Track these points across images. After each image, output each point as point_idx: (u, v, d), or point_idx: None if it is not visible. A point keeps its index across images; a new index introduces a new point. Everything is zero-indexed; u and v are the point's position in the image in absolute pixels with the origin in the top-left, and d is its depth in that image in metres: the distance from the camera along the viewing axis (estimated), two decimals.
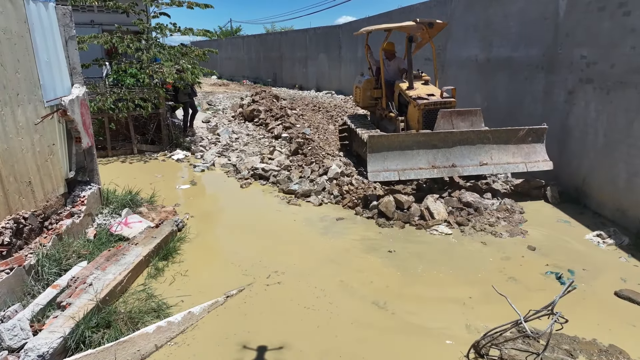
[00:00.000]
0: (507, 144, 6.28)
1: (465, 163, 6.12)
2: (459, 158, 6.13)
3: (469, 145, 6.17)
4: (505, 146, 6.27)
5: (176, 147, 9.63)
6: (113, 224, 5.28)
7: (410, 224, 5.52)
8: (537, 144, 6.34)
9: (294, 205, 6.24)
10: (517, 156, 6.26)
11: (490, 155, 6.21)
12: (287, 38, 25.23)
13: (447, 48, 10.31)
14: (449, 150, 6.12)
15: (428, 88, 7.24)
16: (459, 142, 6.15)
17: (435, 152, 6.08)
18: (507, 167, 6.25)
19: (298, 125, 10.42)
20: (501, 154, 6.23)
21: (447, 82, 10.33)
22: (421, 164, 6.02)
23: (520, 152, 6.28)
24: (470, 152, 6.17)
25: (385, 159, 5.95)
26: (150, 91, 8.92)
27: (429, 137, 6.10)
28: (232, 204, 6.45)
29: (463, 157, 6.14)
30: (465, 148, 6.17)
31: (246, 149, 9.36)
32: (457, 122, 6.38)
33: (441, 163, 6.06)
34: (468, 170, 6.13)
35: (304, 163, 7.83)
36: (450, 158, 6.11)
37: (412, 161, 6.01)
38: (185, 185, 7.26)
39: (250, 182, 7.28)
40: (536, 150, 6.32)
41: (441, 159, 6.08)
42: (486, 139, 6.23)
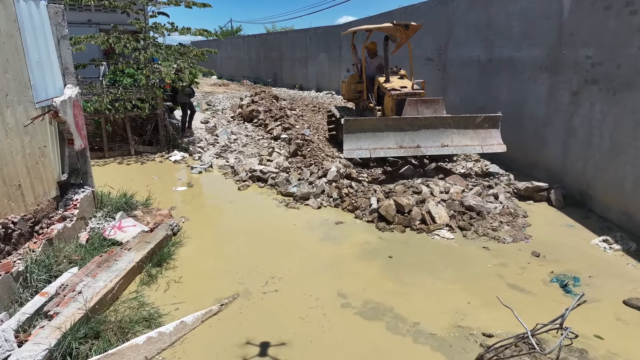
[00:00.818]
0: (466, 128, 7.12)
1: (429, 144, 6.96)
2: (423, 140, 6.96)
3: (432, 129, 7.00)
4: (465, 131, 7.11)
5: (174, 148, 9.51)
6: (107, 227, 5.16)
7: (411, 228, 5.39)
8: (492, 129, 7.21)
9: (293, 208, 6.11)
10: (474, 139, 7.11)
11: (450, 138, 7.05)
12: (288, 38, 25.11)
13: (448, 48, 10.18)
14: (414, 133, 6.96)
15: (402, 81, 8.04)
16: (423, 126, 6.98)
17: (402, 134, 6.93)
18: (465, 148, 7.16)
19: (297, 126, 10.30)
20: (460, 138, 7.07)
21: (449, 82, 10.22)
22: (390, 145, 6.86)
23: (478, 136, 7.13)
24: (433, 135, 7.00)
25: (359, 139, 6.79)
26: (147, 91, 8.79)
27: (397, 122, 6.98)
28: (229, 207, 6.32)
29: (427, 139, 6.97)
30: (429, 131, 6.99)
31: (245, 150, 9.23)
32: (422, 109, 7.25)
33: (407, 144, 6.90)
34: (430, 150, 6.99)
35: (303, 165, 7.70)
36: (415, 140, 6.95)
37: (382, 142, 6.85)
38: (182, 187, 7.14)
39: (248, 184, 7.15)
40: (492, 135, 7.17)
41: (407, 140, 6.92)
42: (447, 124, 7.07)
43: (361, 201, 5.99)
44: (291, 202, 6.29)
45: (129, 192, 6.02)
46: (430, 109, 7.30)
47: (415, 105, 7.24)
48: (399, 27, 8.02)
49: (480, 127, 7.17)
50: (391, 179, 6.92)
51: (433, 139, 7.00)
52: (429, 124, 7.00)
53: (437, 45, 10.67)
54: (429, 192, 6.16)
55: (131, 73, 9.19)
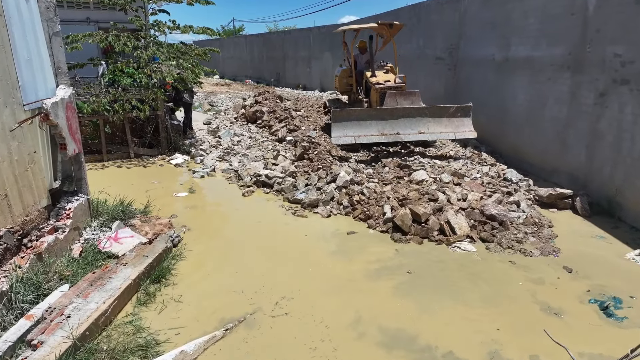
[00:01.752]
0: (440, 117, 7.96)
1: (407, 132, 7.85)
2: (402, 128, 7.84)
3: (410, 118, 7.86)
4: (439, 119, 7.95)
5: (175, 151, 9.16)
6: (102, 238, 4.81)
7: (429, 239, 5.02)
8: (464, 117, 8.03)
9: (301, 216, 5.75)
10: (448, 127, 7.96)
11: (427, 126, 7.91)
12: (291, 37, 24.75)
13: (459, 47, 9.79)
14: (394, 122, 7.83)
15: (387, 76, 8.93)
16: (402, 116, 7.84)
17: (384, 123, 7.81)
18: (440, 135, 8.03)
19: (303, 128, 9.93)
20: (436, 125, 7.94)
21: (460, 82, 9.83)
22: (373, 132, 7.77)
23: (451, 124, 7.99)
24: (411, 124, 7.88)
25: (345, 128, 7.71)
26: (147, 92, 8.44)
27: (379, 112, 7.89)
28: (233, 215, 5.95)
29: (405, 127, 7.85)
30: (407, 120, 7.85)
31: (248, 153, 8.87)
32: (401, 101, 8.11)
33: (388, 131, 7.80)
34: (409, 137, 7.90)
35: (310, 169, 7.33)
36: (395, 127, 7.83)
37: (366, 130, 7.76)
38: (183, 192, 6.78)
39: (252, 189, 6.79)
40: (464, 122, 8.02)
41: (388, 128, 7.81)
42: (424, 114, 7.94)
43: (374, 209, 5.62)
44: (299, 210, 5.92)
45: (127, 199, 5.67)
46: (408, 100, 8.16)
47: (394, 97, 8.11)
48: (384, 26, 8.97)
49: (454, 116, 8.01)
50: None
51: (411, 127, 7.88)
52: (407, 113, 7.87)
53: (447, 44, 10.28)
54: (446, 200, 5.78)
55: (131, 73, 8.84)
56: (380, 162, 7.50)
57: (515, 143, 7.89)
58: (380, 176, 7.17)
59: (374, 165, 7.50)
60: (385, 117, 7.82)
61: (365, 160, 7.91)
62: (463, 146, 9.06)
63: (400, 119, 7.84)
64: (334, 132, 7.73)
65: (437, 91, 10.87)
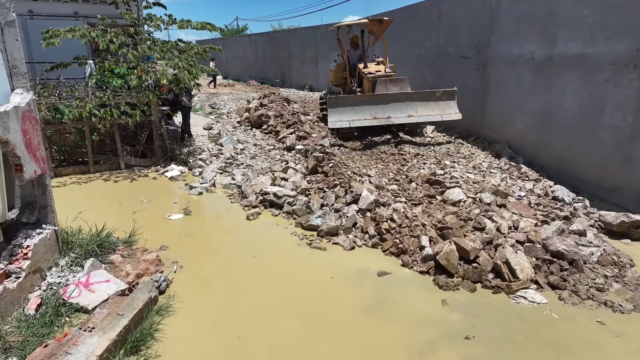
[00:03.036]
0: (427, 101, 8.56)
1: (397, 115, 8.45)
2: (392, 112, 8.44)
3: (399, 102, 8.43)
4: (427, 103, 8.55)
5: (171, 161, 8.16)
6: (70, 283, 3.80)
7: (482, 283, 3.98)
8: (450, 101, 8.67)
9: (318, 249, 4.71)
10: (435, 110, 8.57)
11: (415, 109, 8.50)
12: (297, 36, 23.72)
13: (489, 44, 8.73)
14: (385, 106, 8.43)
15: (377, 67, 9.74)
16: (392, 101, 8.43)
17: (376, 107, 8.42)
18: (427, 117, 8.62)
19: (314, 135, 8.90)
20: (423, 109, 8.55)
21: (491, 84, 8.77)
22: (366, 116, 8.38)
23: (438, 107, 8.61)
24: (401, 108, 8.45)
25: (340, 113, 8.34)
26: (139, 95, 7.43)
27: (371, 97, 8.57)
28: (236, 246, 4.92)
29: (395, 111, 8.44)
30: (397, 105, 8.42)
31: (253, 164, 7.85)
32: (391, 87, 8.78)
33: (380, 115, 8.42)
34: (399, 119, 8.51)
35: (325, 185, 6.30)
36: (386, 112, 8.44)
37: (360, 114, 8.37)
38: (177, 214, 5.76)
39: (258, 211, 5.76)
40: (449, 105, 8.65)
41: (380, 112, 8.43)
42: (412, 98, 8.54)
43: (408, 241, 4.58)
44: (315, 240, 4.89)
45: (109, 225, 4.67)
46: (398, 86, 8.82)
47: (385, 84, 8.77)
48: (375, 22, 9.70)
49: (440, 100, 8.62)
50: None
51: (401, 111, 8.46)
52: (397, 98, 8.47)
53: (475, 40, 9.22)
54: (495, 228, 4.74)
55: (122, 73, 7.85)
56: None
57: (562, 154, 6.83)
58: (407, 194, 6.14)
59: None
60: (377, 102, 8.47)
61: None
62: (496, 156, 8.01)
63: (390, 103, 8.46)
64: (330, 117, 8.36)
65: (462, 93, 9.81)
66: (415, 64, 12.28)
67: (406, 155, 7.98)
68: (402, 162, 7.69)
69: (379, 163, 7.70)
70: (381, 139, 8.99)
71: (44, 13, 8.79)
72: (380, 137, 9.05)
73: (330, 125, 8.44)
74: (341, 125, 8.36)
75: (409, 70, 12.90)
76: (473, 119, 9.43)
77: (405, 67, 13.08)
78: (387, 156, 7.99)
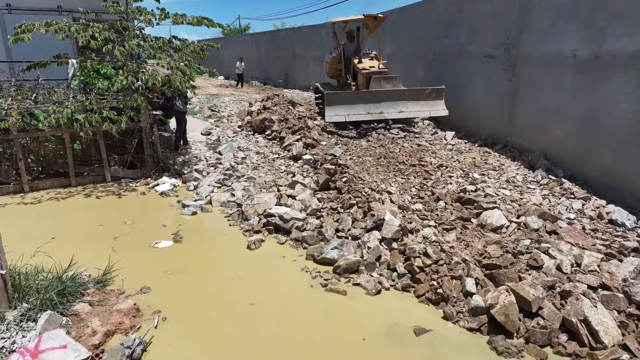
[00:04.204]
0: (417, 99, 9.13)
1: (389, 111, 9.01)
2: (385, 107, 8.99)
3: (392, 99, 9.01)
4: (417, 100, 9.10)
5: (163, 172, 7.27)
6: (17, 346, 2.92)
7: (554, 348, 3.06)
8: (438, 99, 9.19)
9: (335, 292, 3.81)
10: (424, 106, 9.13)
11: (406, 106, 9.07)
12: (301, 34, 22.82)
13: (520, 41, 7.80)
14: (379, 103, 8.94)
15: (372, 62, 10.17)
16: (385, 97, 9.00)
17: (370, 104, 8.93)
18: (417, 113, 9.23)
19: (323, 142, 7.99)
20: (414, 105, 9.10)
21: (522, 86, 7.83)
22: (360, 111, 8.93)
23: (427, 104, 9.14)
24: (393, 104, 9.02)
25: (337, 108, 8.83)
26: (126, 98, 6.55)
27: (366, 94, 9.07)
28: (235, 288, 3.99)
29: (388, 107, 8.99)
30: (390, 101, 8.98)
31: (256, 176, 6.95)
32: (384, 84, 9.25)
33: (373, 111, 8.97)
34: (391, 115, 9.05)
35: (340, 205, 5.40)
36: (379, 107, 8.97)
37: (354, 109, 8.90)
38: (165, 242, 4.86)
39: (261, 237, 4.86)
40: (438, 103, 9.17)
41: (374, 108, 8.96)
42: (403, 96, 9.11)
43: (449, 285, 3.66)
44: (331, 279, 3.98)
45: (80, 258, 3.81)
46: (391, 84, 9.36)
47: (379, 81, 9.29)
48: (369, 18, 9.91)
49: (429, 98, 9.19)
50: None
51: (393, 107, 9.06)
52: (389, 95, 9.07)
53: (502, 38, 8.30)
54: (554, 266, 3.82)
55: (110, 74, 6.96)
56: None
57: (613, 167, 5.90)
58: (436, 215, 5.23)
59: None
60: (371, 98, 9.03)
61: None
62: (529, 168, 7.09)
63: (383, 99, 9.05)
64: (327, 112, 8.95)
65: (486, 97, 8.89)
66: (430, 64, 11.36)
67: (428, 166, 7.07)
68: (424, 174, 6.77)
69: (398, 176, 6.79)
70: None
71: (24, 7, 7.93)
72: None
73: (327, 119, 9.17)
74: (337, 119, 9.03)
75: (422, 70, 11.97)
76: (499, 124, 8.50)
77: (419, 67, 12.15)
78: (406, 167, 7.08)
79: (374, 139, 8.99)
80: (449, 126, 10.48)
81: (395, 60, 14.03)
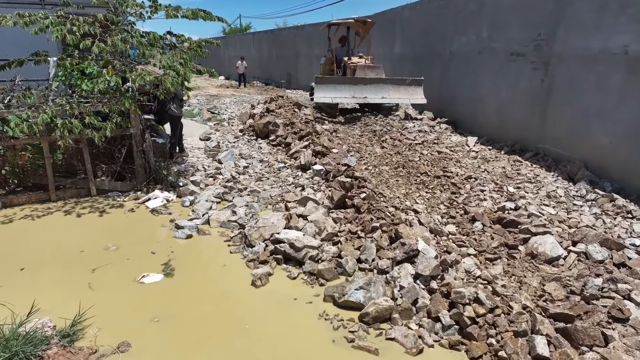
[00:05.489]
0: (399, 86, 10.13)
1: (372, 96, 10.04)
2: (368, 93, 9.99)
3: (375, 85, 10.02)
4: (398, 87, 10.12)
5: (156, 184, 6.46)
6: None
7: None
8: (418, 87, 10.18)
9: (366, 350, 2.99)
10: (404, 94, 10.12)
11: (388, 92, 10.08)
12: (304, 33, 21.99)
13: (555, 37, 6.98)
14: (363, 87, 9.97)
15: (359, 59, 11.26)
16: (369, 83, 10.00)
17: (355, 88, 9.98)
18: (398, 100, 10.29)
19: (335, 150, 7.17)
20: (395, 92, 10.13)
21: (556, 87, 7.00)
22: (346, 95, 9.99)
23: (407, 92, 10.13)
24: (376, 90, 10.03)
25: (326, 90, 9.88)
26: (112, 102, 5.74)
27: (351, 79, 10.21)
28: (238, 346, 3.17)
29: (371, 93, 10.01)
30: (373, 87, 10.00)
31: (260, 189, 6.14)
32: (368, 72, 10.29)
33: (358, 95, 9.98)
34: (374, 100, 10.12)
35: (359, 228, 4.58)
36: (363, 92, 9.98)
37: (341, 93, 9.95)
38: (153, 275, 4.05)
39: (269, 270, 4.04)
40: (417, 91, 10.16)
41: (358, 93, 9.97)
42: (386, 82, 10.16)
43: (514, 345, 2.83)
44: (358, 332, 3.16)
45: (44, 301, 3.02)
46: (374, 72, 10.30)
47: (364, 69, 10.29)
48: (359, 23, 11.30)
49: (410, 86, 10.09)
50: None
51: (375, 93, 9.94)
52: (373, 82, 9.96)
53: (533, 33, 7.47)
54: None
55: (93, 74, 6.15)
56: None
57: None
58: (474, 240, 4.42)
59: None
60: (356, 83, 10.04)
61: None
62: (568, 179, 6.27)
63: (367, 85, 10.03)
64: (316, 93, 9.95)
65: (512, 99, 8.07)
66: (447, 63, 10.54)
67: (454, 177, 6.25)
68: (451, 187, 5.96)
69: (421, 189, 5.97)
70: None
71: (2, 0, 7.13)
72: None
73: (315, 100, 10.16)
74: (324, 100, 9.89)
75: (438, 70, 11.14)
76: (528, 129, 7.68)
77: (434, 67, 11.32)
78: (430, 179, 6.26)
79: (389, 144, 8.19)
80: (468, 130, 9.66)
81: (406, 59, 13.21)
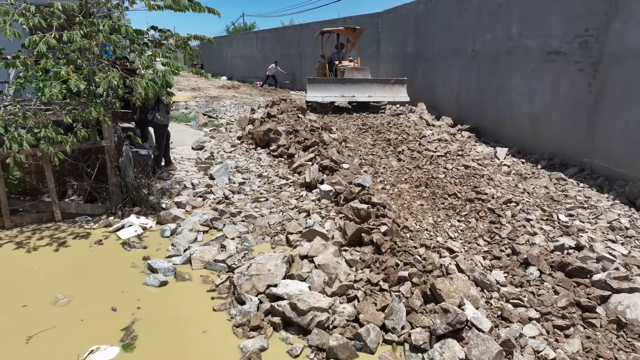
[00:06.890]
0: (384, 86, 11.58)
1: (360, 95, 11.47)
2: (356, 92, 11.47)
3: (362, 84, 11.49)
4: (383, 87, 11.58)
5: (133, 206, 5.44)
6: None
7: None
8: (401, 87, 11.61)
9: None
10: (389, 93, 11.56)
11: (374, 92, 11.50)
12: (309, 32, 20.93)
13: (608, 32, 5.90)
14: (351, 86, 11.47)
15: (349, 63, 12.97)
16: (357, 83, 11.49)
17: (344, 87, 11.48)
18: (382, 98, 11.55)
19: (345, 165, 6.11)
20: (380, 92, 11.54)
21: (609, 92, 5.91)
22: (335, 94, 11.47)
23: (391, 91, 11.57)
24: (363, 89, 11.48)
25: (316, 90, 11.45)
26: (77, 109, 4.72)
27: (340, 80, 11.77)
28: None
29: (359, 92, 11.47)
30: (360, 86, 11.48)
31: (256, 214, 5.10)
32: (356, 74, 11.82)
33: (347, 94, 11.49)
34: (361, 98, 11.49)
35: (381, 277, 3.53)
36: (351, 91, 11.48)
37: (331, 92, 11.44)
38: (106, 349, 3.01)
39: (263, 343, 2.99)
40: (401, 90, 11.60)
41: (347, 92, 11.47)
42: (372, 82, 11.62)
43: None
44: None
45: None
46: (361, 74, 11.83)
47: (352, 71, 11.90)
48: (349, 30, 13.21)
49: (394, 85, 11.55)
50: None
51: (362, 92, 11.43)
52: (360, 82, 11.50)
53: (577, 28, 6.41)
54: None
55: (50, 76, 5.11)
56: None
57: None
58: (532, 297, 3.36)
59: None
60: (345, 82, 11.40)
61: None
62: (628, 203, 5.20)
63: (355, 84, 11.36)
64: (308, 92, 11.39)
65: (550, 104, 6.99)
66: (468, 63, 9.47)
67: (490, 201, 5.18)
68: (488, 214, 4.88)
69: (452, 217, 4.90)
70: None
71: None
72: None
73: (308, 99, 11.49)
74: (315, 99, 11.27)
75: (457, 70, 10.06)
76: (570, 141, 6.61)
77: (452, 67, 10.24)
78: (460, 203, 5.19)
79: (406, 156, 7.14)
80: (493, 139, 8.60)
81: (421, 59, 12.16)
